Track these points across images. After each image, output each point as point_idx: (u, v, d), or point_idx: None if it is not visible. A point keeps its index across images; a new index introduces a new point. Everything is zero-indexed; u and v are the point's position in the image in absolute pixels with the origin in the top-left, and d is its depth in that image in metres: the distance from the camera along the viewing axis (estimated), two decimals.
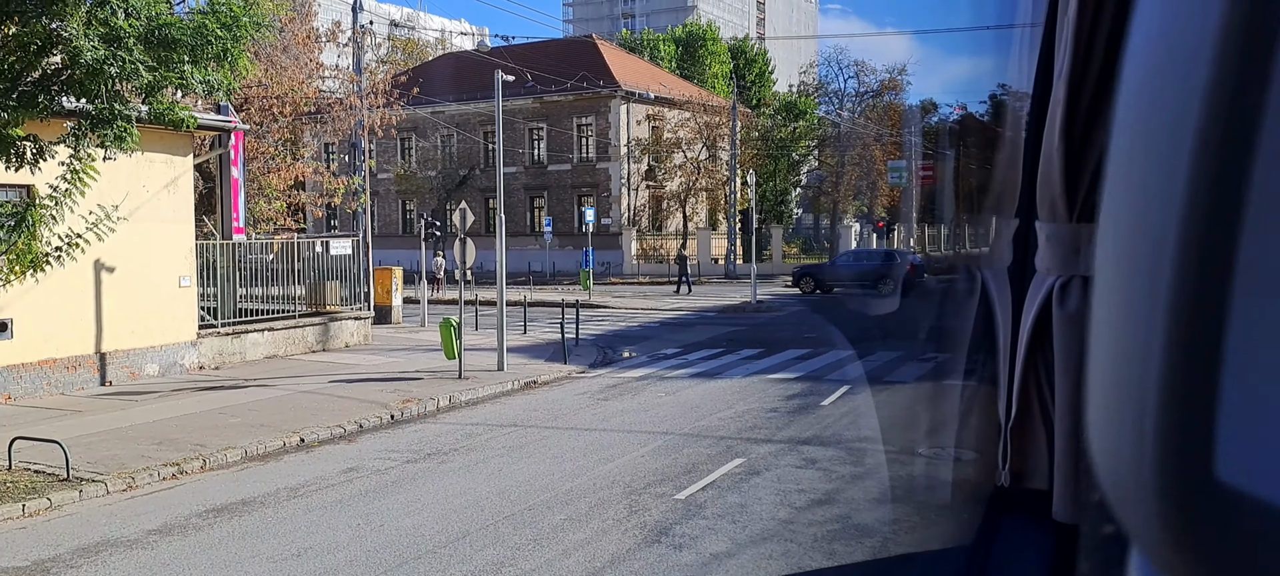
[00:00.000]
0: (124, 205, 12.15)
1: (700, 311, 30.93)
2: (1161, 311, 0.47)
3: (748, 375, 17.53)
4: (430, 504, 9.53)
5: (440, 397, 15.14)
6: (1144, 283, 0.48)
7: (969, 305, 1.66)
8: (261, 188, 26.36)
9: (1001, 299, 1.45)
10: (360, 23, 27.68)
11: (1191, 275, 0.46)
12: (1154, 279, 0.48)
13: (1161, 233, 0.47)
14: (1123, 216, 0.53)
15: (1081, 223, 1.22)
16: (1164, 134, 0.49)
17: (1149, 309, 0.47)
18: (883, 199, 54.09)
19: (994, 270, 1.49)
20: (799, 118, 59.17)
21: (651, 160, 51.05)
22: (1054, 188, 1.22)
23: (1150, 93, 0.52)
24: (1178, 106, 0.48)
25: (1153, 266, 0.48)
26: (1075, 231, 1.24)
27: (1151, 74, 0.52)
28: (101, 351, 16.33)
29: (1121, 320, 0.51)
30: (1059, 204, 1.22)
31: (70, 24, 9.24)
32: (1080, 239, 1.23)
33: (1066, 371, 1.29)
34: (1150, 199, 0.49)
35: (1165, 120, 0.49)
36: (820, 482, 10.13)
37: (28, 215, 9.76)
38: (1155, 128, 0.50)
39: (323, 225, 51.52)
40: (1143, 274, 0.49)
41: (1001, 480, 1.45)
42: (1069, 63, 1.12)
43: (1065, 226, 1.25)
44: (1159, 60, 0.51)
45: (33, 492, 9.85)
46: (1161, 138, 0.49)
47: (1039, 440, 1.38)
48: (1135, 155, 0.53)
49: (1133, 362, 0.48)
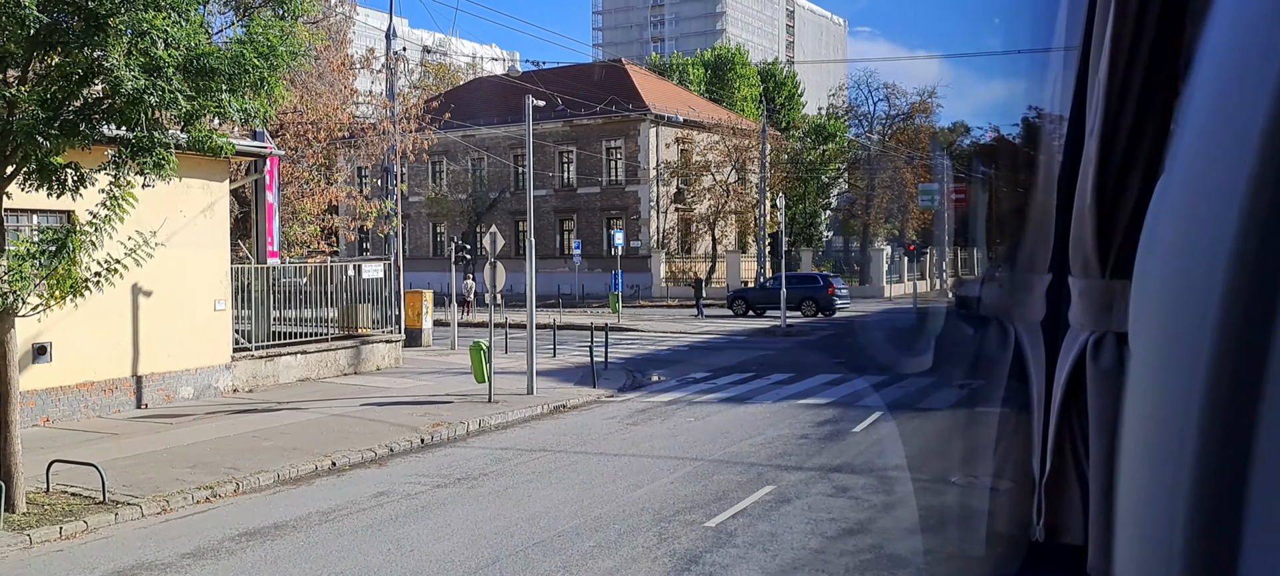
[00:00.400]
0: (161, 230, 12.34)
1: (729, 335, 30.85)
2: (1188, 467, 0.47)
3: (778, 400, 17.45)
4: (460, 529, 9.55)
5: (470, 421, 15.19)
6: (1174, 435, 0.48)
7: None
8: (295, 212, 26.69)
9: (1035, 353, 1.44)
10: (393, 49, 28.02)
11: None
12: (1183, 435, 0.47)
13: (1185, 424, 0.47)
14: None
15: (1114, 279, 1.22)
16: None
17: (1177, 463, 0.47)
18: (914, 222, 53.74)
19: (1027, 324, 1.49)
20: (829, 140, 59.03)
21: (680, 183, 51.13)
22: (1087, 245, 1.21)
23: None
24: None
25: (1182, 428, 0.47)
26: (1108, 287, 1.23)
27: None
28: (138, 374, 16.56)
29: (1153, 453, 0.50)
30: (1092, 261, 1.22)
31: (112, 54, 9.44)
32: (1114, 295, 1.23)
33: (1101, 428, 1.28)
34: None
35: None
36: (852, 511, 10.04)
37: (68, 241, 9.94)
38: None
39: (355, 248, 52.07)
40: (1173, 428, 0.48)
41: (1036, 535, 1.43)
42: (1100, 122, 1.12)
43: (1098, 282, 1.24)
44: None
45: (70, 515, 9.98)
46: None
47: (1074, 496, 1.37)
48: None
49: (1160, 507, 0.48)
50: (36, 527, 9.55)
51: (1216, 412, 0.47)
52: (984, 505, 2.02)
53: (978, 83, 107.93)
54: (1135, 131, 1.12)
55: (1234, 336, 0.45)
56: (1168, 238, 0.55)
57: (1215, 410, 0.47)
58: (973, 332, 5.40)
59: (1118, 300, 1.22)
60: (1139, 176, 1.16)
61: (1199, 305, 0.48)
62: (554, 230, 51.72)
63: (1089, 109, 1.18)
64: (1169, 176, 0.55)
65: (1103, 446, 1.28)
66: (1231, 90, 0.48)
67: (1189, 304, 0.49)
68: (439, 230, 55.13)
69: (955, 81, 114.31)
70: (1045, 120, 2.00)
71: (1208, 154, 0.50)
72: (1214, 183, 0.48)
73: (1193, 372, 0.48)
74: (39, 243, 10.14)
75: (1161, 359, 0.53)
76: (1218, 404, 0.46)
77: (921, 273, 51.58)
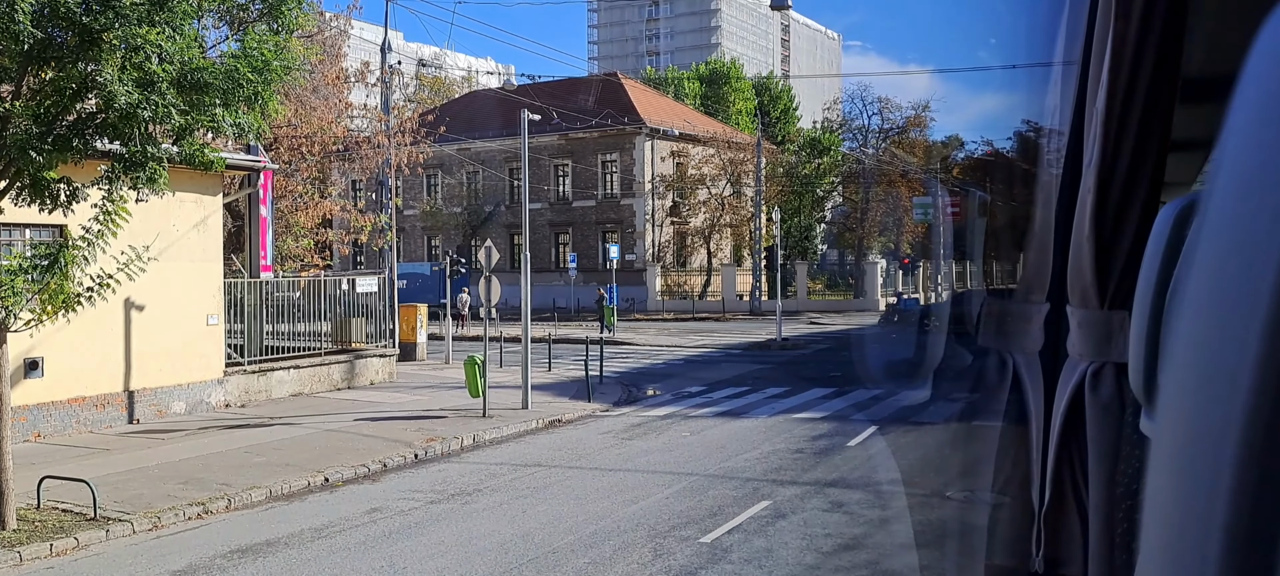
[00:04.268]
0: (154, 245, 12.34)
1: (725, 349, 30.83)
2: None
3: (773, 414, 17.42)
4: (453, 546, 9.50)
5: (464, 436, 15.14)
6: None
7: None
8: (289, 225, 26.64)
9: (1033, 384, 1.43)
10: (388, 63, 28.04)
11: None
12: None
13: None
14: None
15: (1113, 310, 1.20)
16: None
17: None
18: (909, 235, 53.85)
19: (1025, 354, 1.47)
20: (823, 154, 59.17)
21: (676, 196, 51.17)
22: (1085, 277, 1.20)
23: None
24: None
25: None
26: (1107, 318, 1.22)
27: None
28: (130, 389, 16.48)
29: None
30: (1090, 292, 1.20)
31: (105, 69, 9.41)
32: (1113, 325, 1.21)
33: (1100, 459, 1.26)
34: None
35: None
36: (847, 527, 10.01)
37: (61, 256, 9.89)
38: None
39: (349, 262, 51.94)
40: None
41: (1036, 566, 1.41)
42: (1098, 155, 1.11)
43: (1098, 312, 1.23)
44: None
45: (61, 532, 9.91)
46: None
47: (1073, 528, 1.35)
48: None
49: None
50: (27, 544, 9.48)
51: (1254, 453, 0.45)
52: (981, 527, 2.00)
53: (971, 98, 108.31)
54: (1134, 163, 1.11)
55: (1276, 371, 0.44)
56: (1207, 264, 0.52)
57: (1252, 450, 0.45)
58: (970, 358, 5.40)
59: (1117, 331, 1.20)
60: (1138, 207, 1.14)
61: (1238, 339, 0.46)
62: (549, 244, 51.70)
63: (1087, 140, 1.16)
64: (1207, 202, 0.53)
65: (1103, 478, 1.26)
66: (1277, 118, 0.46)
67: (1226, 337, 0.47)
68: (434, 243, 55.10)
69: (949, 96, 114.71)
70: (1040, 136, 1.99)
71: (1253, 182, 0.48)
72: (1259, 213, 0.46)
73: (1229, 409, 0.46)
74: (31, 257, 10.07)
75: (1195, 394, 0.50)
76: (1255, 446, 0.44)
77: (915, 286, 51.65)
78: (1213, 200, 0.53)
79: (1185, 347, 0.52)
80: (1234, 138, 0.51)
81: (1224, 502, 0.44)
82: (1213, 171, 0.54)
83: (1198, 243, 0.53)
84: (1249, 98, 0.50)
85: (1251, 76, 0.50)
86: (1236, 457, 0.44)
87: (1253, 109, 0.49)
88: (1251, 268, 0.45)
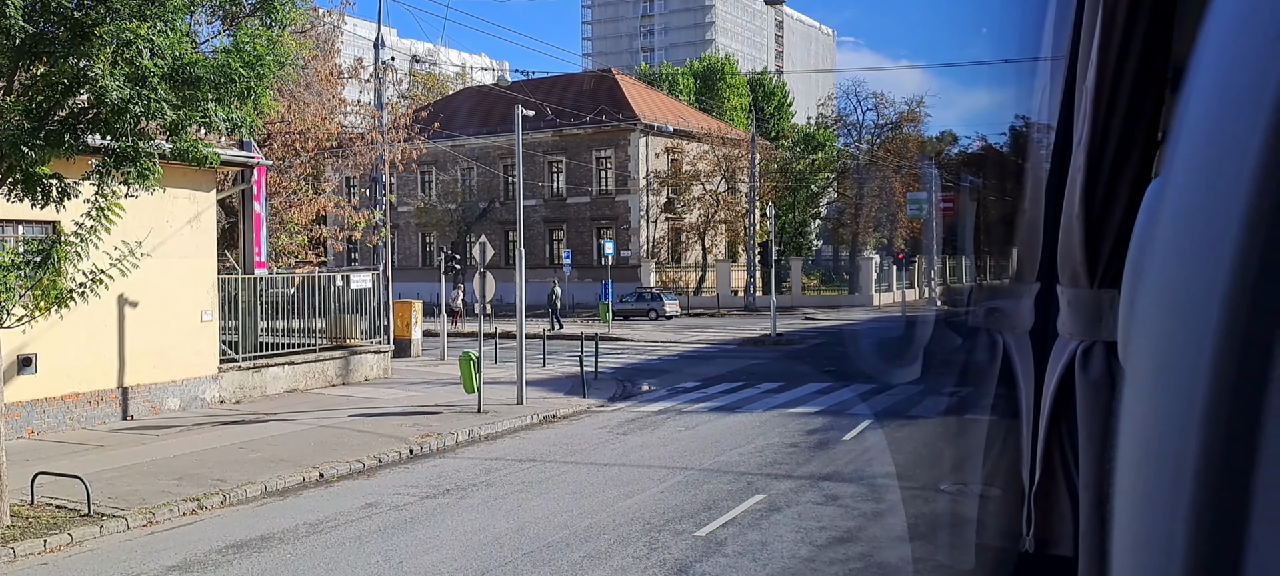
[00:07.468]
0: (147, 241, 12.27)
1: (720, 344, 30.84)
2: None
3: (768, 409, 17.43)
4: (449, 541, 9.49)
5: (459, 432, 15.13)
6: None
7: None
8: (283, 222, 26.58)
9: (1023, 362, 1.43)
10: (382, 59, 27.97)
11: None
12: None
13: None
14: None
15: (1103, 289, 1.20)
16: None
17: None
18: (903, 230, 53.92)
19: (1015, 333, 1.47)
20: (818, 150, 59.20)
21: (670, 193, 51.16)
22: (1075, 255, 1.20)
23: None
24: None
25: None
26: (1097, 297, 1.22)
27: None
28: (124, 386, 16.44)
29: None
30: (1080, 271, 1.21)
31: (97, 64, 9.38)
32: (1102, 304, 1.21)
33: (1090, 437, 1.27)
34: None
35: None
36: (841, 520, 10.02)
37: (53, 252, 9.86)
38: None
39: (343, 258, 51.80)
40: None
41: (1026, 546, 1.42)
42: (1088, 132, 1.11)
43: (1087, 291, 1.23)
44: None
45: (54, 528, 9.89)
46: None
47: (1064, 507, 1.36)
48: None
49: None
50: (21, 541, 9.45)
51: (1218, 421, 0.45)
52: (972, 514, 2.01)
53: (964, 92, 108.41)
54: (1123, 141, 1.11)
55: (1237, 341, 0.44)
56: (1165, 242, 0.53)
57: (1217, 419, 0.45)
58: (961, 341, 5.43)
59: (1106, 309, 1.21)
60: (1127, 186, 1.15)
61: (1200, 309, 0.46)
62: (544, 240, 51.66)
63: (1076, 119, 1.16)
64: (1165, 181, 0.53)
65: (1093, 456, 1.27)
66: (1232, 92, 0.46)
67: (1189, 309, 0.48)
68: (428, 240, 55.02)
69: (942, 91, 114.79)
70: (1032, 129, 1.99)
71: (1207, 158, 0.48)
72: (1214, 187, 0.47)
73: (1194, 379, 0.46)
74: (23, 254, 10.04)
75: (1160, 365, 0.51)
76: (1220, 412, 0.45)
77: (909, 281, 51.72)
78: (1170, 175, 0.53)
79: (1158, 284, 0.52)
80: (1190, 109, 0.52)
81: (1196, 428, 0.45)
82: (1169, 149, 0.55)
83: (1158, 218, 0.54)
84: (1203, 69, 0.50)
85: (1205, 50, 0.50)
86: (1208, 382, 0.44)
87: (1207, 79, 0.50)
88: (1210, 244, 0.46)
